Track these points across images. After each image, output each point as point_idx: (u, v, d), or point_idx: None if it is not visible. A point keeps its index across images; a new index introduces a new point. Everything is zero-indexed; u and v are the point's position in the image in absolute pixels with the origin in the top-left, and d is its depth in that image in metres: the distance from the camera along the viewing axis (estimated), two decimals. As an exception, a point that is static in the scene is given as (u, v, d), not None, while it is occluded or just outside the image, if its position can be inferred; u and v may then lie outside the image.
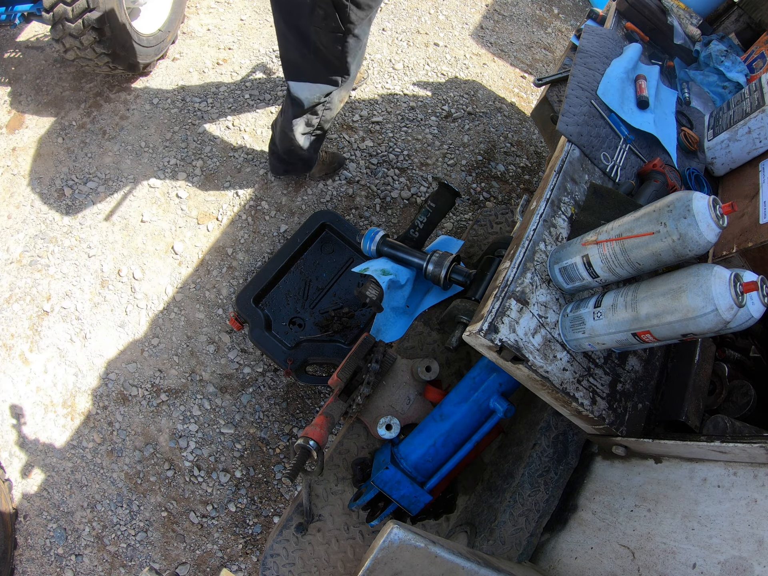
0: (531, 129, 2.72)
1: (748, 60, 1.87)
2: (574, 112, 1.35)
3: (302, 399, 1.99)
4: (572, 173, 1.24)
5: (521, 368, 0.99)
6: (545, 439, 1.19)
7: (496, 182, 2.49)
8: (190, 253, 2.11)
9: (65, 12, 1.91)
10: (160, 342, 1.97)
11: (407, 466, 1.22)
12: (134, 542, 1.75)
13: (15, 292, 1.99)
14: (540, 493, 1.14)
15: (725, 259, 1.32)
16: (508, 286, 1.03)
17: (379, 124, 2.50)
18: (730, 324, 0.77)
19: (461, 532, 1.22)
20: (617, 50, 1.63)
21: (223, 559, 1.77)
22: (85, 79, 2.41)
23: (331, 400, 1.32)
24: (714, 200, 0.79)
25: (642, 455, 1.05)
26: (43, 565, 1.70)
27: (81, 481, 1.79)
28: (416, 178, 2.41)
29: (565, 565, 1.05)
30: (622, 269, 0.92)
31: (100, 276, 2.03)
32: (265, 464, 1.89)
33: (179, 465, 1.84)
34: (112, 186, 2.18)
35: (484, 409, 1.21)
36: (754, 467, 0.83)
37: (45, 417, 1.85)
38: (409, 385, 1.38)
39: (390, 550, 0.76)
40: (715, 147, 1.56)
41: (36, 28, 2.53)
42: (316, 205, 2.28)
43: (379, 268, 1.46)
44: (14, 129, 2.28)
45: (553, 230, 1.14)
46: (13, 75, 2.40)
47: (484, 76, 2.84)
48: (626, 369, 1.13)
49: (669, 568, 0.85)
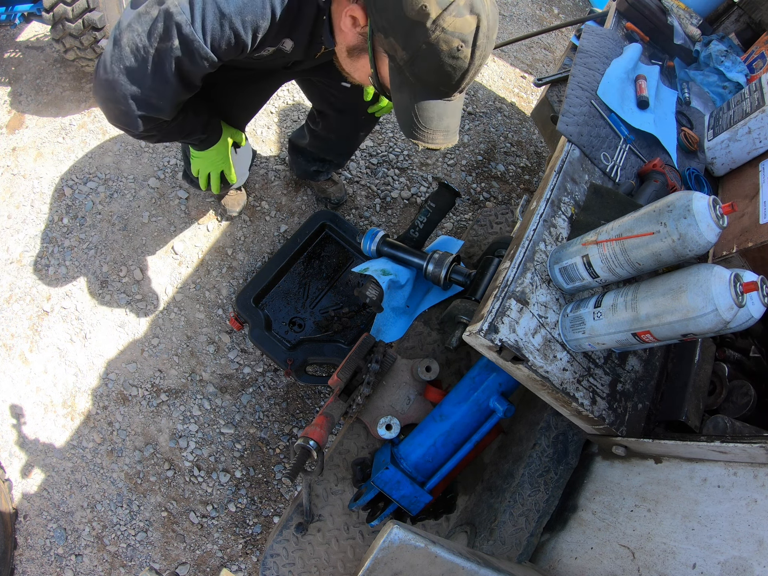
0: (531, 129, 2.72)
1: (748, 60, 1.87)
2: (574, 112, 1.35)
3: (302, 399, 1.99)
4: (572, 173, 1.24)
5: (521, 368, 0.99)
6: (545, 439, 1.19)
7: (496, 182, 2.49)
8: (190, 253, 2.11)
9: (65, 12, 1.91)
10: (160, 342, 1.97)
11: (407, 466, 1.22)
12: (134, 542, 1.75)
13: (15, 292, 1.99)
14: (540, 493, 1.14)
15: (725, 259, 1.32)
16: (508, 286, 1.03)
17: (379, 124, 2.50)
18: (730, 324, 0.77)
19: (461, 532, 1.22)
20: (617, 50, 1.63)
21: (223, 559, 1.77)
22: (85, 79, 2.41)
23: (331, 400, 1.32)
24: (714, 200, 0.79)
25: (642, 455, 1.05)
26: (43, 565, 1.70)
27: (81, 481, 1.79)
28: (416, 178, 2.41)
29: (565, 565, 1.05)
30: (622, 269, 0.92)
31: (100, 276, 2.03)
32: (265, 464, 1.89)
33: (179, 465, 1.84)
34: (112, 186, 2.18)
35: (484, 409, 1.21)
36: (754, 467, 0.83)
37: (45, 417, 1.85)
38: (409, 385, 1.39)
39: (390, 550, 0.76)
40: (715, 147, 1.56)
41: (36, 28, 2.53)
42: (316, 205, 2.28)
43: (379, 268, 1.46)
44: (14, 129, 2.28)
45: (553, 230, 1.14)
46: (13, 75, 2.40)
47: (484, 76, 2.84)
48: (626, 369, 1.13)
49: (669, 568, 0.85)
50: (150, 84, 1.04)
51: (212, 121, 1.40)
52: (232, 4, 0.94)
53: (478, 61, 0.89)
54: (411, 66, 0.89)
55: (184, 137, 1.33)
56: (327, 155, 1.93)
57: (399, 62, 0.90)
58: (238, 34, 0.97)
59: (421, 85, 0.92)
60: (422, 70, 0.89)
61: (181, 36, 0.96)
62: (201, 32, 0.95)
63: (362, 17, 0.94)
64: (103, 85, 1.06)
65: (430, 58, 0.86)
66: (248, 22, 0.96)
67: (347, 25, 0.98)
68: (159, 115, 1.13)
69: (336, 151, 1.94)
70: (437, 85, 0.92)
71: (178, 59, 0.99)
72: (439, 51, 0.85)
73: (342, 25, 0.99)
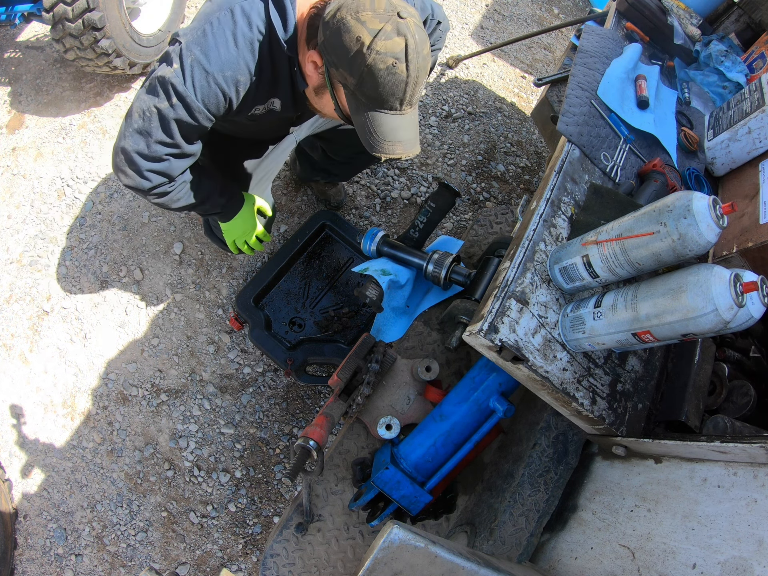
0: (531, 129, 2.72)
1: (748, 60, 1.87)
2: (574, 112, 1.35)
3: (302, 399, 1.99)
4: (572, 173, 1.24)
5: (521, 368, 0.99)
6: (545, 439, 1.19)
7: (496, 182, 2.49)
8: (190, 253, 2.11)
9: (65, 12, 1.91)
10: (160, 342, 1.97)
11: (407, 466, 1.22)
12: (134, 542, 1.75)
13: (15, 292, 1.99)
14: (540, 493, 1.14)
15: (725, 259, 1.32)
16: (508, 286, 1.03)
17: (379, 124, 2.50)
18: (730, 324, 0.77)
19: (461, 532, 1.22)
20: (617, 50, 1.63)
21: (223, 559, 1.77)
22: (85, 79, 2.41)
23: (331, 400, 1.32)
24: (714, 200, 0.79)
25: (642, 455, 1.05)
26: (43, 565, 1.70)
27: (81, 481, 1.79)
28: (416, 178, 2.41)
29: (565, 565, 1.05)
30: (622, 269, 0.92)
31: (100, 276, 2.03)
32: (265, 464, 1.89)
33: (179, 465, 1.84)
34: (112, 186, 2.18)
35: (484, 409, 1.21)
36: (754, 467, 0.83)
37: (45, 417, 1.85)
38: (409, 385, 1.38)
39: (390, 550, 0.76)
40: (715, 147, 1.56)
41: (36, 28, 2.53)
42: (316, 205, 2.28)
43: (379, 268, 1.46)
44: (14, 129, 2.28)
45: (553, 230, 1.14)
46: (13, 75, 2.40)
47: (484, 76, 2.84)
48: (626, 369, 1.13)
49: (669, 568, 0.85)
50: (156, 136, 1.16)
51: (229, 185, 1.51)
52: (213, 63, 1.10)
53: (414, 74, 1.04)
54: (360, 88, 1.05)
55: (202, 201, 1.41)
56: (334, 170, 1.97)
57: (351, 88, 1.07)
58: (222, 88, 1.14)
59: (372, 103, 1.08)
60: (369, 90, 1.05)
61: (177, 94, 1.11)
62: (192, 89, 1.12)
63: (319, 59, 1.12)
64: (116, 151, 1.21)
65: (373, 77, 1.02)
66: (228, 77, 1.13)
67: (310, 69, 1.16)
68: (167, 170, 1.24)
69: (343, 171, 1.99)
70: (386, 100, 1.06)
71: (178, 115, 1.14)
72: (378, 70, 1.01)
73: (307, 70, 1.18)
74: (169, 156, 1.21)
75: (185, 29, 1.14)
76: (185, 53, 1.10)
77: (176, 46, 1.12)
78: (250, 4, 1.11)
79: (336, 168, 1.94)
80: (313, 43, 1.13)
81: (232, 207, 1.52)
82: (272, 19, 1.12)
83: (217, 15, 1.10)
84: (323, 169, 1.99)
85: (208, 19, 1.11)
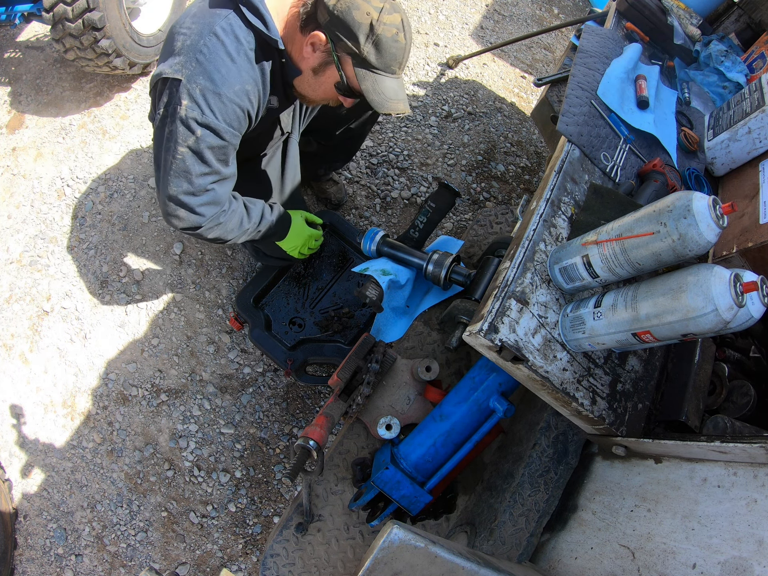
0: (531, 129, 2.72)
1: (748, 60, 1.87)
2: (574, 112, 1.35)
3: (302, 399, 1.99)
4: (572, 173, 1.24)
5: (521, 368, 0.99)
6: (545, 439, 1.19)
7: (496, 182, 2.49)
8: (190, 253, 2.11)
9: (65, 12, 1.91)
10: (160, 342, 1.97)
11: (407, 467, 1.22)
12: (134, 542, 1.75)
13: (15, 292, 1.99)
14: (540, 493, 1.14)
15: (725, 259, 1.32)
16: (508, 286, 1.03)
17: (378, 124, 2.50)
18: (730, 324, 0.77)
19: (461, 532, 1.22)
20: (617, 50, 1.63)
21: (223, 559, 1.77)
22: (85, 79, 2.41)
23: (331, 400, 1.32)
24: (714, 200, 0.79)
25: (642, 455, 1.05)
26: (43, 565, 1.70)
27: (81, 481, 1.79)
28: (416, 178, 2.41)
29: (565, 565, 1.05)
30: (622, 269, 0.92)
31: (100, 276, 2.03)
32: (265, 464, 1.89)
33: (179, 465, 1.84)
34: (112, 186, 2.18)
35: (484, 409, 1.21)
36: (754, 467, 0.83)
37: (45, 417, 1.85)
38: (409, 385, 1.38)
39: (390, 550, 0.77)
40: (715, 147, 1.56)
41: (36, 28, 2.53)
42: (316, 205, 2.28)
43: (379, 268, 1.46)
44: (14, 129, 2.28)
45: (553, 230, 1.14)
46: (13, 75, 2.40)
47: (484, 76, 2.84)
48: (626, 369, 1.13)
49: (669, 568, 0.85)
50: (196, 171, 1.23)
51: (270, 204, 1.57)
52: (220, 84, 1.17)
53: (408, 42, 1.24)
54: (370, 55, 1.19)
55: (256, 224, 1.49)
56: (334, 155, 2.03)
57: (363, 55, 1.20)
58: (236, 103, 1.21)
59: (378, 68, 1.22)
60: (378, 56, 1.21)
61: (200, 124, 1.18)
62: (211, 114, 1.19)
63: (322, 38, 1.21)
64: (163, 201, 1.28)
65: (381, 45, 1.19)
66: (238, 91, 1.21)
67: (308, 51, 1.24)
68: (215, 199, 1.31)
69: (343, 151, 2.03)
70: (389, 65, 1.23)
71: (207, 143, 1.21)
72: (386, 38, 1.18)
73: (304, 53, 1.26)
74: (213, 185, 1.29)
75: (174, 68, 1.16)
76: (191, 86, 1.16)
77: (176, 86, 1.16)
78: (228, 21, 1.18)
79: (335, 152, 2.00)
80: (311, 27, 1.22)
81: (283, 223, 1.58)
82: (254, 24, 1.19)
83: (203, 42, 1.16)
84: (324, 159, 2.03)
85: (196, 50, 1.16)
